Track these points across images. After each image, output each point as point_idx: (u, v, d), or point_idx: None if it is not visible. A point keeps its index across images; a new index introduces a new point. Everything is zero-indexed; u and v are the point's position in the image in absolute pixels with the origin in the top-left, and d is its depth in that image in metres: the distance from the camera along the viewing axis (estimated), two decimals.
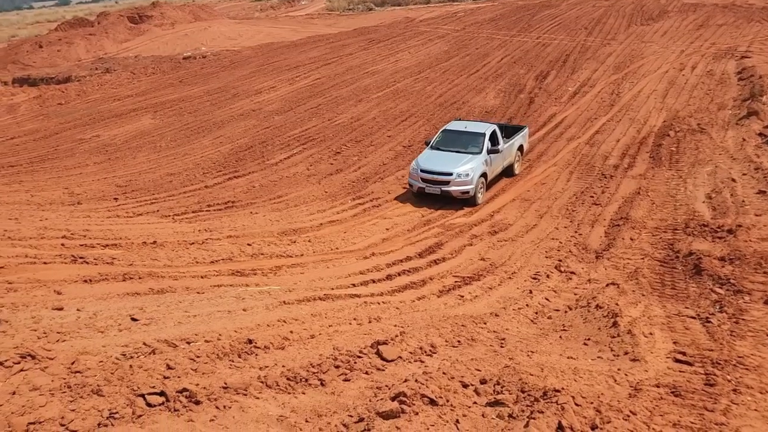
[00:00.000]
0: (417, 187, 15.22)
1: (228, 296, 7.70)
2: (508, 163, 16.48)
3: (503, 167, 16.37)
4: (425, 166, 15.22)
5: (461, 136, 16.01)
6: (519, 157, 17.08)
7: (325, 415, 4.51)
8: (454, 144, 15.83)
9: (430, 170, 15.11)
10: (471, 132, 16.02)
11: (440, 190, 14.94)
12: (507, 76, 24.81)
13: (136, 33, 40.13)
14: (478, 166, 15.08)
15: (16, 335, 5.10)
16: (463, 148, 15.59)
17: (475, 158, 15.22)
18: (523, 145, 17.24)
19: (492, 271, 11.05)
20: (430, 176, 15.08)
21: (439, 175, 14.97)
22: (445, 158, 15.41)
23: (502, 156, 15.97)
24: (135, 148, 20.45)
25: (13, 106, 27.66)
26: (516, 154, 16.83)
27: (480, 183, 15.17)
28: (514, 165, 16.86)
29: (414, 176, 15.34)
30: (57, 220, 12.36)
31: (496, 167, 15.97)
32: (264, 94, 25.33)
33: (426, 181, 15.11)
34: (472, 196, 14.95)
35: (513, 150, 16.62)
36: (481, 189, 15.25)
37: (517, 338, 7.53)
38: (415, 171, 15.38)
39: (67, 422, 3.69)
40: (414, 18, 40.41)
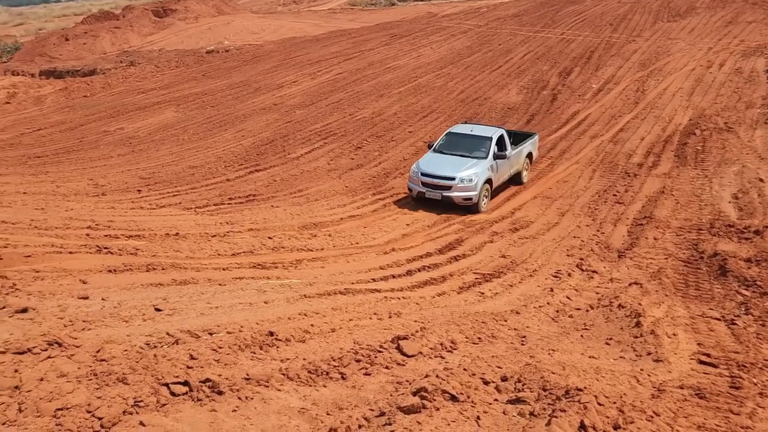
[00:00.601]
0: (416, 191, 14.35)
1: (249, 289, 7.75)
2: (515, 170, 15.66)
3: (510, 175, 15.52)
4: (426, 169, 14.35)
5: (466, 140, 15.11)
6: (528, 165, 16.24)
7: (347, 408, 4.53)
8: (459, 148, 14.95)
9: (431, 174, 14.21)
10: (477, 135, 15.16)
11: (441, 195, 14.06)
12: (530, 72, 24.61)
13: (160, 26, 40.48)
14: (483, 172, 14.22)
15: (43, 323, 5.18)
16: (468, 152, 14.72)
17: (480, 163, 14.37)
18: (532, 152, 16.37)
19: (513, 268, 10.98)
20: (430, 180, 14.18)
21: (440, 180, 14.10)
22: (448, 162, 14.52)
23: (509, 163, 15.16)
24: (158, 141, 20.65)
25: (40, 98, 28.09)
26: (524, 162, 15.97)
27: (484, 190, 14.32)
28: (522, 173, 16.00)
29: (414, 180, 14.44)
30: (82, 210, 12.53)
31: (503, 174, 15.13)
32: (286, 89, 25.41)
33: (426, 185, 14.22)
34: (475, 203, 14.11)
35: (521, 157, 15.77)
36: (485, 196, 14.45)
37: (538, 336, 7.48)
38: (415, 174, 14.47)
39: (93, 409, 3.74)
40: (436, 13, 40.24)
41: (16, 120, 24.52)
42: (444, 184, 14.09)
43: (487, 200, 14.63)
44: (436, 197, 14.20)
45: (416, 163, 14.91)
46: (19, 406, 3.64)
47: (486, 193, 14.52)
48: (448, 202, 14.18)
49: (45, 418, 3.60)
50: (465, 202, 14.09)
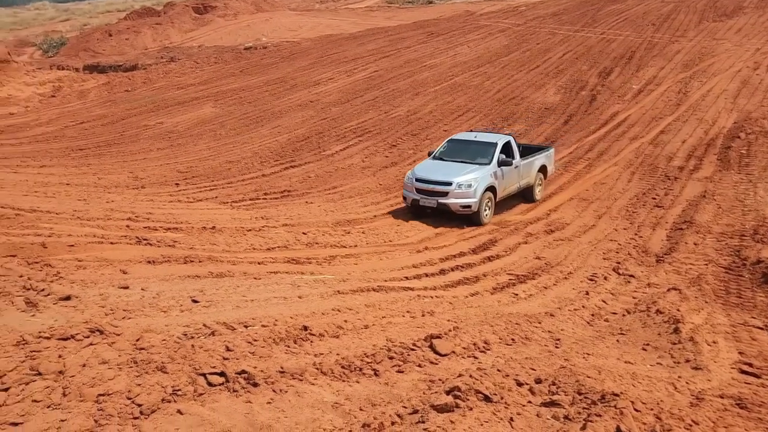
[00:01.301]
0: (411, 199, 13.19)
1: (284, 283, 7.82)
2: (525, 183, 14.47)
3: (519, 187, 14.32)
4: (421, 174, 13.23)
5: (469, 146, 14.01)
6: (541, 180, 15.02)
7: (379, 404, 4.54)
8: (461, 154, 13.81)
9: (426, 179, 13.04)
10: (481, 142, 14.07)
11: (436, 202, 12.83)
12: (568, 72, 24.26)
13: (200, 23, 41.13)
14: (485, 178, 13.03)
15: (85, 311, 5.32)
16: (471, 158, 13.59)
17: (482, 168, 13.19)
18: (546, 166, 15.12)
19: (547, 270, 10.85)
20: (425, 186, 13.00)
21: (435, 185, 12.89)
22: (446, 168, 13.43)
23: (517, 173, 14.01)
24: (196, 136, 21.00)
25: (83, 92, 28.84)
26: (537, 176, 14.77)
27: (486, 198, 13.08)
28: (535, 188, 14.72)
29: (408, 187, 13.31)
30: (122, 202, 12.83)
31: (509, 184, 13.92)
32: (322, 86, 25.57)
33: (421, 191, 13.03)
34: (474, 212, 12.87)
35: (532, 170, 14.56)
36: (487, 206, 13.22)
37: (573, 339, 7.37)
38: (409, 181, 13.30)
39: (133, 396, 3.83)
40: (474, 11, 39.96)
41: (60, 113, 25.24)
42: (440, 190, 12.89)
43: (490, 211, 13.40)
44: (431, 205, 12.99)
45: (412, 169, 13.89)
46: (63, 390, 3.75)
47: (488, 203, 13.29)
48: (445, 210, 12.94)
49: (88, 403, 3.69)
50: (463, 210, 12.88)
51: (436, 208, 12.99)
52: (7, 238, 7.33)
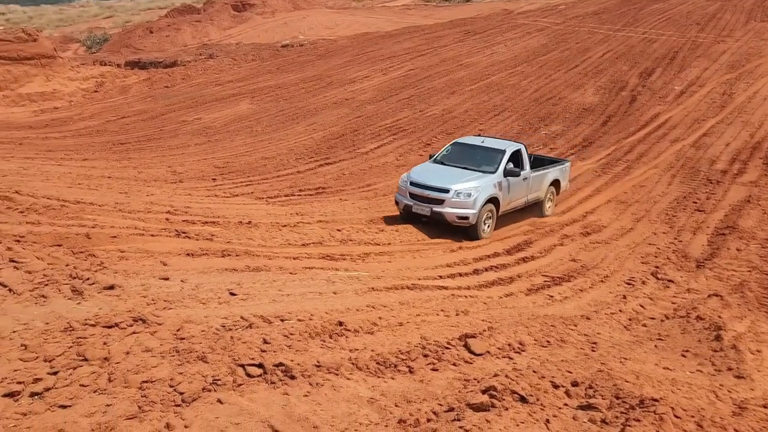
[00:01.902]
0: (403, 204, 12.10)
1: (319, 279, 7.89)
2: (534, 197, 13.36)
3: (527, 201, 13.19)
4: (417, 178, 12.11)
5: (475, 151, 12.83)
6: (553, 195, 13.90)
7: (415, 401, 4.54)
8: (464, 160, 12.67)
9: (421, 183, 11.91)
10: (488, 147, 12.85)
11: (430, 210, 11.67)
12: (608, 72, 23.86)
13: (238, 21, 41.68)
14: (487, 188, 11.87)
15: (128, 300, 5.45)
16: (475, 165, 12.43)
17: (485, 177, 12.05)
18: (560, 180, 14.00)
19: (583, 273, 10.70)
20: (419, 191, 11.85)
21: (431, 191, 11.74)
22: (445, 173, 12.30)
23: (526, 186, 12.88)
24: (233, 132, 21.30)
25: (125, 88, 29.50)
26: (548, 191, 13.65)
27: (487, 211, 11.93)
28: (545, 204, 13.63)
29: (402, 191, 12.24)
30: (162, 196, 13.09)
31: (515, 197, 12.77)
32: (357, 84, 25.67)
33: (415, 197, 11.91)
34: (472, 225, 11.71)
35: (544, 183, 13.47)
36: (488, 218, 12.09)
37: (610, 343, 7.25)
38: (404, 184, 12.22)
39: (175, 384, 3.91)
40: (512, 10, 39.60)
41: (103, 108, 25.86)
42: (435, 197, 11.71)
43: (490, 225, 12.19)
44: (424, 213, 11.81)
45: (409, 171, 12.90)
46: (108, 376, 3.85)
47: (490, 215, 12.10)
48: (439, 220, 11.75)
49: (132, 389, 3.79)
50: (460, 221, 11.68)
51: (429, 216, 11.83)
52: (53, 229, 7.55)
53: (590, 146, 18.08)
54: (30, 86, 27.35)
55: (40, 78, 28.03)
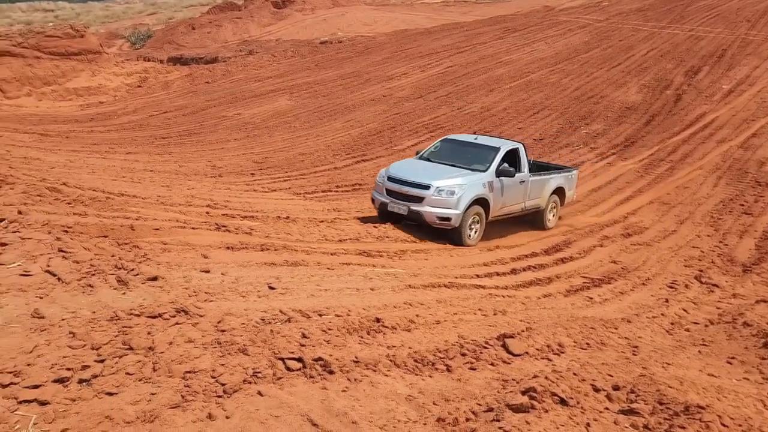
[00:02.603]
0: (379, 202, 11.05)
1: (356, 275, 7.91)
2: (533, 205, 12.22)
3: (524, 208, 12.06)
4: (395, 173, 11.03)
5: (466, 149, 11.72)
6: (556, 205, 12.81)
7: (453, 400, 4.52)
8: (454, 157, 11.52)
9: (399, 179, 10.81)
10: (480, 144, 11.81)
11: (408, 209, 10.53)
12: (652, 70, 23.31)
13: (278, 17, 42.09)
14: (474, 186, 10.66)
15: (171, 291, 5.55)
16: (465, 163, 11.24)
17: (474, 175, 10.84)
18: (564, 189, 12.84)
19: (624, 275, 10.49)
20: (397, 187, 10.74)
21: (409, 187, 10.59)
22: (428, 169, 11.20)
23: (523, 190, 11.73)
24: (272, 127, 21.53)
25: (167, 83, 30.09)
26: (551, 200, 12.52)
27: (473, 213, 10.71)
28: (545, 214, 12.49)
29: (379, 187, 11.16)
30: (202, 189, 13.32)
31: (510, 202, 11.56)
32: (395, 81, 25.65)
33: (392, 194, 10.81)
34: (455, 227, 10.52)
35: (545, 190, 12.30)
36: (475, 222, 10.88)
37: (651, 348, 7.09)
38: (381, 179, 11.17)
39: (217, 375, 3.97)
40: (554, 7, 39.02)
41: (146, 103, 26.44)
42: (414, 194, 10.54)
43: (477, 230, 10.99)
44: (400, 211, 10.65)
45: (388, 166, 11.85)
46: (153, 365, 3.93)
47: (477, 219, 10.87)
48: (417, 220, 10.60)
49: (175, 379, 3.86)
50: (441, 223, 10.48)
51: (406, 216, 10.68)
52: (99, 220, 7.73)
53: (632, 146, 17.70)
54: (77, 81, 28.13)
55: (86, 73, 28.81)
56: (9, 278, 4.97)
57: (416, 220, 10.70)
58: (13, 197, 7.96)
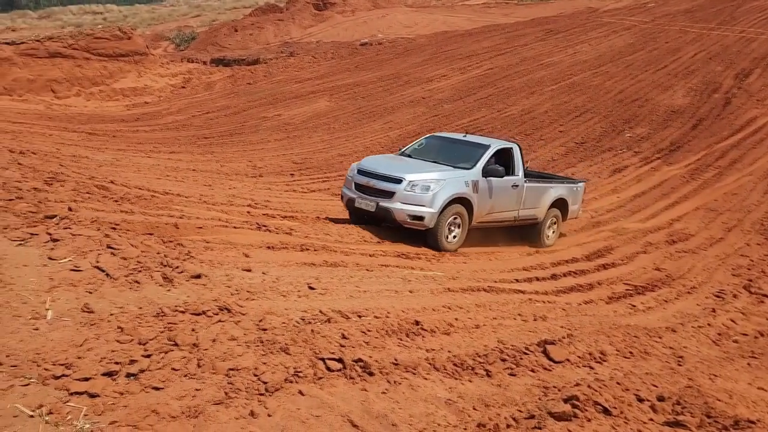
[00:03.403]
0: (347, 198, 10.09)
1: (395, 276, 7.90)
2: (529, 215, 11.06)
3: (517, 217, 10.91)
4: (366, 165, 10.09)
5: (452, 146, 10.75)
6: (557, 220, 11.68)
7: (493, 406, 4.47)
8: (438, 155, 10.50)
9: (370, 171, 9.82)
10: (468, 142, 10.78)
11: (376, 205, 9.46)
12: (700, 73, 22.68)
13: (319, 19, 42.44)
14: (454, 182, 9.54)
15: (213, 289, 5.65)
16: (450, 161, 10.20)
17: (455, 172, 9.77)
18: (567, 201, 11.68)
19: (668, 283, 10.23)
20: (366, 181, 9.73)
21: (379, 180, 9.56)
22: (405, 163, 10.25)
23: (516, 196, 10.61)
24: (311, 128, 21.71)
25: (210, 84, 30.65)
26: (550, 213, 11.40)
27: (453, 214, 9.55)
28: (543, 228, 11.35)
29: (348, 182, 10.23)
30: (243, 189, 13.52)
31: (501, 208, 10.47)
32: (435, 82, 25.57)
33: (360, 188, 9.81)
34: (430, 228, 9.39)
35: (543, 200, 11.19)
36: (454, 225, 9.72)
37: (697, 358, 6.90)
38: (351, 173, 10.21)
39: (259, 373, 4.02)
40: (598, 8, 38.35)
41: (189, 103, 26.98)
42: (383, 188, 9.48)
43: (458, 235, 9.82)
44: (368, 208, 9.59)
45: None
46: (197, 361, 4.00)
47: (456, 221, 9.70)
48: (386, 218, 9.55)
49: (219, 376, 3.92)
50: (413, 223, 9.35)
51: (374, 213, 9.58)
52: (145, 218, 7.92)
53: (678, 150, 17.26)
54: (123, 82, 28.90)
55: (132, 74, 29.56)
56: (60, 273, 5.13)
57: (385, 219, 9.59)
58: (64, 194, 8.22)
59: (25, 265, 5.19)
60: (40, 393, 3.54)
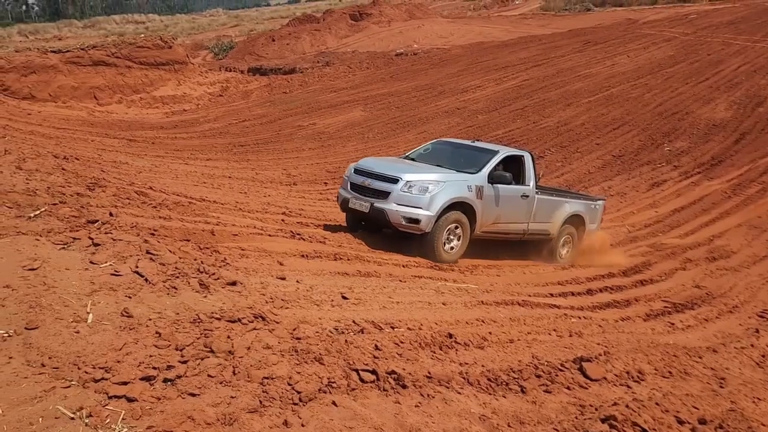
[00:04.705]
0: (342, 198, 9.80)
1: (428, 288, 7.86)
2: (540, 229, 10.59)
3: (527, 230, 10.44)
4: (363, 165, 9.75)
5: (459, 151, 10.36)
6: (571, 238, 11.21)
7: (528, 423, 4.39)
8: (444, 160, 10.09)
9: (366, 170, 9.48)
10: (476, 147, 10.40)
11: (371, 205, 9.08)
12: (744, 86, 22.12)
13: (355, 30, 42.76)
14: (455, 186, 9.06)
15: (248, 297, 5.69)
16: (456, 167, 9.69)
17: (458, 176, 9.31)
18: (584, 218, 11.22)
19: (708, 301, 9.95)
20: (361, 180, 9.37)
21: (374, 179, 9.19)
22: (405, 164, 9.89)
23: (526, 207, 10.17)
24: (345, 138, 21.83)
25: (247, 92, 31.10)
26: (564, 230, 10.97)
27: (453, 221, 9.08)
28: (558, 245, 10.95)
29: (344, 182, 9.92)
30: (277, 197, 13.65)
31: (508, 218, 9.97)
32: (470, 93, 25.50)
33: (355, 188, 9.46)
34: (426, 233, 8.93)
35: (557, 214, 10.74)
36: (454, 234, 9.22)
37: (740, 381, 6.67)
38: (348, 174, 9.91)
39: (293, 383, 4.02)
40: (637, 20, 37.79)
41: (226, 111, 27.42)
42: (379, 188, 9.07)
43: (457, 245, 9.30)
44: (362, 209, 9.20)
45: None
46: (233, 369, 4.02)
47: (457, 227, 9.17)
48: (380, 220, 9.15)
49: (254, 384, 3.93)
50: (408, 225, 8.90)
51: (368, 215, 9.17)
52: (182, 224, 8.05)
53: (719, 165, 16.84)
54: (163, 89, 29.54)
55: (172, 82, 30.21)
56: (101, 277, 5.24)
57: (379, 221, 9.17)
58: (105, 200, 8.41)
59: (68, 269, 5.32)
60: (80, 395, 3.61)
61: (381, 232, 9.98)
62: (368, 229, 9.88)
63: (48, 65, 26.22)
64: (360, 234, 10.06)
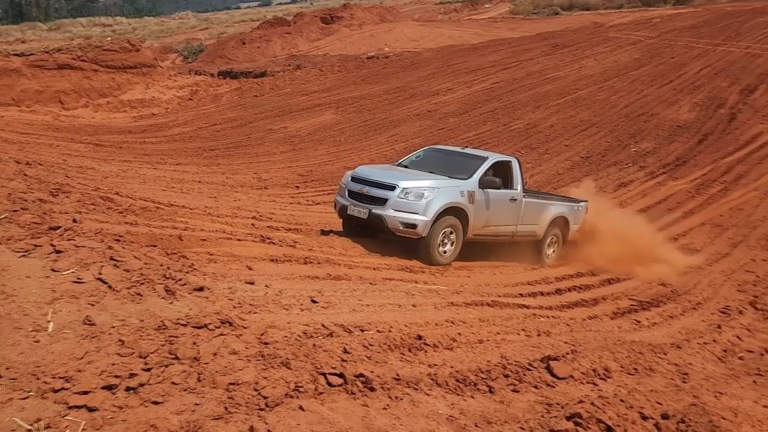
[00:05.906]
0: (339, 205, 10.08)
1: (398, 291, 7.88)
2: (528, 231, 11.03)
3: (515, 232, 10.83)
4: (360, 173, 10.10)
5: (450, 158, 10.76)
6: (557, 240, 11.66)
7: (495, 423, 4.43)
8: (436, 166, 10.38)
9: (363, 178, 9.84)
10: (466, 154, 10.88)
11: (369, 212, 9.42)
12: (706, 88, 22.68)
13: (326, 33, 42.73)
14: (448, 192, 9.46)
15: (216, 302, 5.63)
16: (447, 173, 10.06)
17: (451, 182, 9.71)
18: (568, 220, 11.67)
19: (673, 298, 10.17)
20: (359, 188, 9.72)
21: (371, 187, 9.58)
22: (400, 172, 10.27)
23: (515, 210, 10.59)
24: (317, 141, 21.79)
25: (217, 96, 30.82)
26: (550, 231, 11.37)
27: (447, 225, 9.47)
28: (544, 245, 11.38)
29: (341, 189, 10.24)
30: (248, 201, 13.55)
31: (497, 221, 10.39)
32: (441, 96, 25.66)
33: (353, 196, 9.79)
34: (422, 237, 9.28)
35: (543, 216, 11.16)
36: (447, 238, 9.59)
37: (702, 375, 6.83)
38: (345, 182, 10.19)
39: (260, 388, 3.99)
40: (603, 23, 38.48)
41: (195, 115, 27.13)
42: (376, 195, 9.46)
43: (450, 249, 9.69)
44: (360, 215, 9.55)
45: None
46: (198, 375, 3.98)
47: (451, 232, 9.58)
48: (378, 226, 9.49)
49: (219, 390, 3.90)
50: (405, 230, 9.27)
51: (366, 221, 9.51)
52: (149, 229, 7.94)
53: (683, 165, 17.23)
54: (131, 93, 29.11)
55: (140, 86, 29.78)
56: (63, 285, 5.13)
57: (377, 227, 9.52)
58: (69, 206, 8.25)
59: (28, 277, 5.20)
60: (38, 406, 3.53)
61: (355, 235, 10.13)
62: (365, 234, 10.06)
63: (10, 69, 25.64)
64: (331, 237, 10.06)
